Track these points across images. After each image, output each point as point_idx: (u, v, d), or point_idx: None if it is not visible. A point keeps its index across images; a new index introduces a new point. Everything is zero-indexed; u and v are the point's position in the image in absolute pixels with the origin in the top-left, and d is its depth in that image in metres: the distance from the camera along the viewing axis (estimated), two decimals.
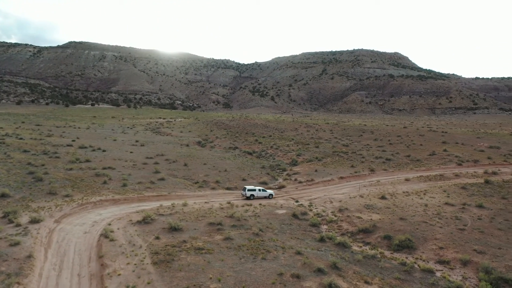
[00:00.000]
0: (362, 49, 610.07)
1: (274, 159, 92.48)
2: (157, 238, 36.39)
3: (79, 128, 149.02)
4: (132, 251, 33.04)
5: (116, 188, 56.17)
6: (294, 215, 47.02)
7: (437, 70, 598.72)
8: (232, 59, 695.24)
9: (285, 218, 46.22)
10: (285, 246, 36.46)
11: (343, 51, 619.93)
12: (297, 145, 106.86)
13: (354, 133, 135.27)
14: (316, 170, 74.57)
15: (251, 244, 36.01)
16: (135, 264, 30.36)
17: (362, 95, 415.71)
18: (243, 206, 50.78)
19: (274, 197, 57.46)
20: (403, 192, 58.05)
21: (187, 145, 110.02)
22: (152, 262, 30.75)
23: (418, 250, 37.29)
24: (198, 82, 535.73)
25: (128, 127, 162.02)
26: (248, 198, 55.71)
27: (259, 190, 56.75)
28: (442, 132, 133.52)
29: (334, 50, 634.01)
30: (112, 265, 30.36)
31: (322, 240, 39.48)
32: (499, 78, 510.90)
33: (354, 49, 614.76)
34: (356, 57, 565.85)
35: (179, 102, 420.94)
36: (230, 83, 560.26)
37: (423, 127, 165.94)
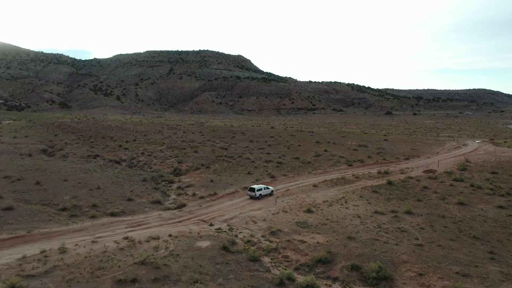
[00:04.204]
0: (208, 50, 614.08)
1: (151, 168, 77.84)
2: None
3: None
4: None
5: None
6: (225, 248, 35.66)
7: (276, 73, 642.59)
8: (66, 54, 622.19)
9: (214, 254, 34.50)
10: None
11: (189, 51, 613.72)
12: (172, 150, 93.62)
13: (225, 134, 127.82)
14: (211, 180, 63.58)
15: None
16: None
17: (212, 95, 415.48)
18: (148, 240, 36.96)
19: (181, 221, 44.80)
20: (324, 202, 51.87)
21: (30, 155, 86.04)
22: None
23: (398, 281, 30.39)
24: (25, 78, 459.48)
25: None
26: (257, 198, 53.84)
27: (264, 188, 55.51)
28: (309, 132, 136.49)
29: (180, 49, 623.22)
30: None
31: (281, 284, 29.48)
32: (328, 82, 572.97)
33: (200, 50, 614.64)
34: (203, 58, 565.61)
35: (2, 101, 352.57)
36: (65, 80, 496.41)
37: (290, 127, 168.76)
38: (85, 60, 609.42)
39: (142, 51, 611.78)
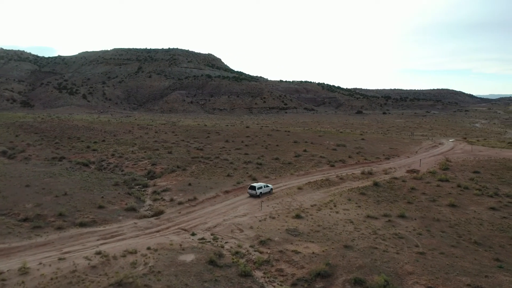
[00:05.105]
0: (177, 49, 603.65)
1: (122, 170, 72.71)
2: None
3: None
4: None
5: None
6: (212, 262, 31.92)
7: (246, 73, 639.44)
8: (28, 51, 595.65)
9: (201, 270, 30.72)
10: None
11: (159, 49, 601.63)
12: (145, 151, 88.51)
13: (199, 134, 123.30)
14: (189, 184, 59.47)
15: None
16: None
17: (183, 94, 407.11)
18: (123, 255, 32.72)
19: (159, 231, 40.65)
20: (312, 206, 48.90)
21: None
22: None
23: None
24: None
25: None
26: (257, 196, 53.18)
27: (264, 186, 54.97)
28: (286, 131, 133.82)
29: (149, 47, 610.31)
30: None
31: None
32: (298, 81, 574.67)
33: (169, 48, 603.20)
34: (172, 56, 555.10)
35: None
36: (27, 78, 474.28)
37: (264, 126, 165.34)
38: (49, 57, 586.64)
39: (109, 49, 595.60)
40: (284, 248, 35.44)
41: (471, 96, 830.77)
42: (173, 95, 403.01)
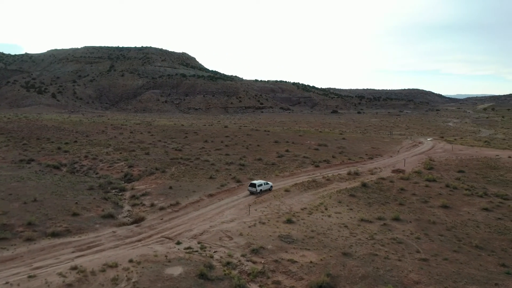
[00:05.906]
0: (151, 47, 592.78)
1: (97, 173, 68.46)
2: None
3: None
4: None
5: None
6: (202, 276, 28.99)
7: (221, 72, 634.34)
8: None
9: (191, 285, 27.76)
10: None
11: (131, 47, 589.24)
12: (120, 153, 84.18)
13: (177, 134, 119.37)
14: (170, 187, 56.07)
15: None
16: None
17: (157, 93, 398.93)
18: (103, 270, 29.35)
19: (141, 240, 37.35)
20: (302, 210, 46.56)
21: None
22: None
23: None
24: None
25: None
26: (258, 194, 53.43)
27: (264, 183, 55.33)
28: (265, 131, 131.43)
29: (121, 46, 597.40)
30: None
31: None
32: (273, 81, 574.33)
33: (142, 46, 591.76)
34: (146, 55, 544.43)
35: None
36: None
37: (243, 126, 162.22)
38: (15, 55, 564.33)
39: (79, 47, 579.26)
40: (279, 257, 32.88)
41: (440, 96, 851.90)
42: (147, 94, 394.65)
